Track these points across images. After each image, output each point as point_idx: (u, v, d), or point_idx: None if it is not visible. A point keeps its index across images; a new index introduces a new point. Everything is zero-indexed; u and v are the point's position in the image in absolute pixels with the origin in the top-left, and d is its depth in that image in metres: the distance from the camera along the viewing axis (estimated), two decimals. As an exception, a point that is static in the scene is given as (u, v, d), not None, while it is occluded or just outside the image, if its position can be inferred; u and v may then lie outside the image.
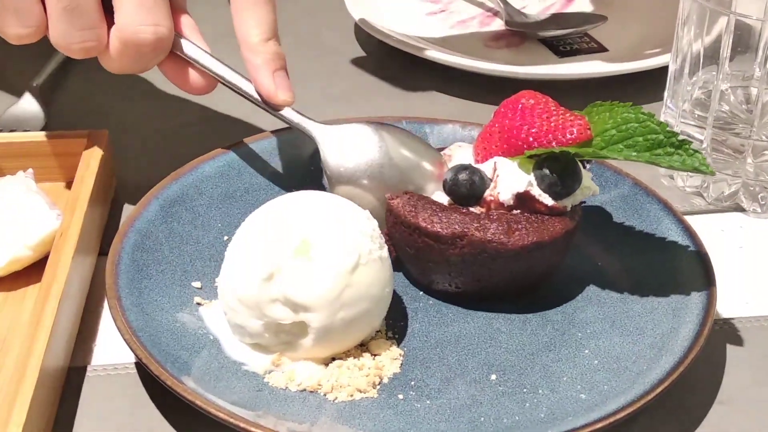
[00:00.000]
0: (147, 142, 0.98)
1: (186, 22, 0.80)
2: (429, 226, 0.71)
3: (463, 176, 0.72)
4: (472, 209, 0.72)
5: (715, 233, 0.87)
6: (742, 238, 0.87)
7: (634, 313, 0.73)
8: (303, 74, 0.83)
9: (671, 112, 0.94)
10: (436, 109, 1.05)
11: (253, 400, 0.65)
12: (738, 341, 0.75)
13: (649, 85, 1.06)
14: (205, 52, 0.81)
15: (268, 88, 0.78)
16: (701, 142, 0.90)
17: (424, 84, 1.09)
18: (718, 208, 0.90)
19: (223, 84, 0.82)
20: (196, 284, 0.75)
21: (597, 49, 1.15)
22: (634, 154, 0.71)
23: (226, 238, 0.80)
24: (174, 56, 0.80)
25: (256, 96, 0.81)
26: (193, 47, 0.80)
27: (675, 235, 0.78)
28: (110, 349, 0.72)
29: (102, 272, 0.77)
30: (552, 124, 0.72)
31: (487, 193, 0.72)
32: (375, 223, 0.70)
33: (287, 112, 0.81)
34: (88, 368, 0.71)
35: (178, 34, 0.80)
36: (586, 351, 0.70)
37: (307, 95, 0.82)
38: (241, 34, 0.79)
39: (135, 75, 1.10)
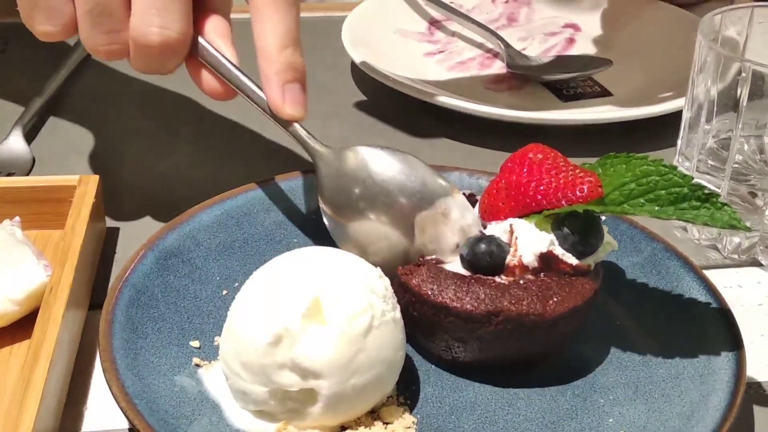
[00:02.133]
0: (139, 186, 0.93)
1: (214, 24, 0.77)
2: (459, 306, 0.67)
3: (480, 248, 0.68)
4: (496, 278, 0.68)
5: (733, 289, 0.84)
6: (761, 294, 0.83)
7: (658, 378, 0.69)
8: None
9: (685, 161, 0.91)
10: (439, 154, 1.01)
11: (257, 474, 0.61)
12: (766, 406, 0.71)
13: (654, 131, 1.03)
14: (224, 57, 0.76)
15: (275, 100, 0.74)
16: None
17: (426, 128, 1.06)
18: (735, 262, 0.87)
19: (239, 93, 0.77)
20: (195, 344, 0.70)
21: (601, 93, 1.12)
22: (657, 208, 0.68)
23: (225, 292, 0.75)
24: (195, 58, 0.77)
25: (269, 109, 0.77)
26: (210, 52, 0.76)
27: (697, 293, 0.75)
28: (102, 413, 0.67)
29: (92, 327, 0.73)
30: (561, 181, 0.69)
31: (508, 259, 0.69)
32: (387, 281, 0.66)
33: (296, 129, 0.77)
34: (79, 435, 0.66)
35: (199, 36, 0.76)
36: (611, 420, 0.66)
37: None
38: (258, 40, 0.75)
39: (123, 115, 1.06)
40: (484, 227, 0.73)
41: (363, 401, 0.64)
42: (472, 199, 0.79)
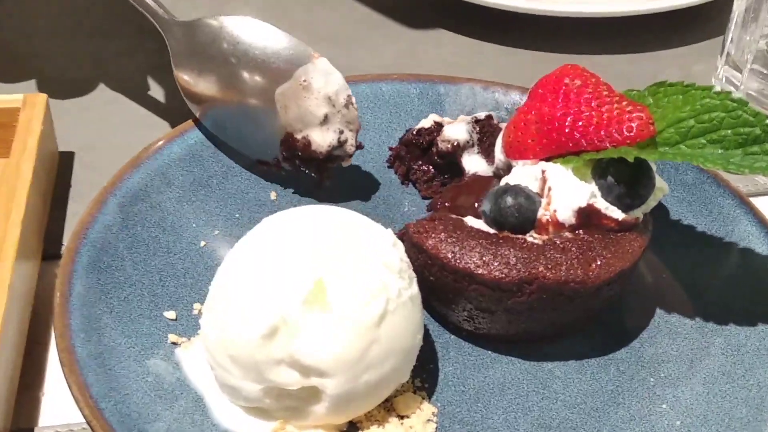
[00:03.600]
0: (95, 102, 0.80)
1: None
2: (485, 273, 0.55)
3: (507, 201, 0.57)
4: (527, 237, 0.57)
5: (786, 220, 0.73)
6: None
7: (715, 349, 0.59)
8: (282, 6, 0.67)
9: (731, 68, 0.78)
10: (442, 51, 0.88)
11: (252, 489, 0.51)
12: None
13: (676, 20, 0.91)
14: None
15: None
16: (773, 110, 0.75)
17: (426, 18, 0.92)
18: (787, 187, 0.76)
19: None
20: (170, 314, 0.59)
21: (623, -26, 0.98)
22: (721, 151, 0.57)
23: (203, 243, 0.64)
24: None
25: None
26: None
27: (756, 240, 0.64)
28: (62, 399, 0.56)
29: (46, 281, 0.62)
30: (604, 116, 0.57)
31: (540, 213, 0.57)
32: (401, 248, 0.55)
33: None
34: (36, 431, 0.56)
35: None
36: (664, 405, 0.56)
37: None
38: None
39: (73, 10, 0.91)
40: (509, 168, 0.61)
41: (375, 397, 0.53)
42: (489, 122, 0.67)
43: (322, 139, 0.64)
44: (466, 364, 0.59)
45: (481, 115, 0.68)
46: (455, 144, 0.67)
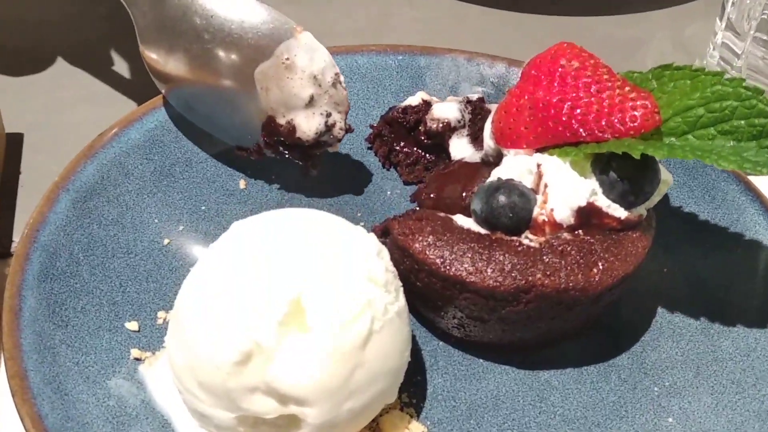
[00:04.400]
0: (45, 78, 0.73)
1: None
2: (478, 281, 0.51)
3: (499, 200, 0.52)
4: (522, 238, 0.52)
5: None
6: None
7: (723, 354, 0.55)
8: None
9: (731, 36, 0.73)
10: (417, 13, 0.82)
11: None
12: None
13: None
14: None
15: None
16: (777, 83, 0.70)
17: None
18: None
19: None
20: (132, 325, 0.54)
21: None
22: (732, 144, 0.52)
23: (167, 241, 0.58)
24: None
25: None
26: None
27: (765, 232, 0.60)
28: (15, 421, 0.51)
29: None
30: (605, 103, 0.52)
31: (536, 212, 0.52)
32: (386, 255, 0.50)
33: None
34: (-14, 460, 0.51)
35: None
36: (670, 419, 0.52)
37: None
38: None
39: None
40: (499, 155, 0.56)
41: (360, 422, 0.49)
42: (481, 104, 0.62)
43: (307, 123, 0.58)
44: (456, 375, 0.54)
45: (473, 96, 0.63)
46: (445, 123, 0.62)
